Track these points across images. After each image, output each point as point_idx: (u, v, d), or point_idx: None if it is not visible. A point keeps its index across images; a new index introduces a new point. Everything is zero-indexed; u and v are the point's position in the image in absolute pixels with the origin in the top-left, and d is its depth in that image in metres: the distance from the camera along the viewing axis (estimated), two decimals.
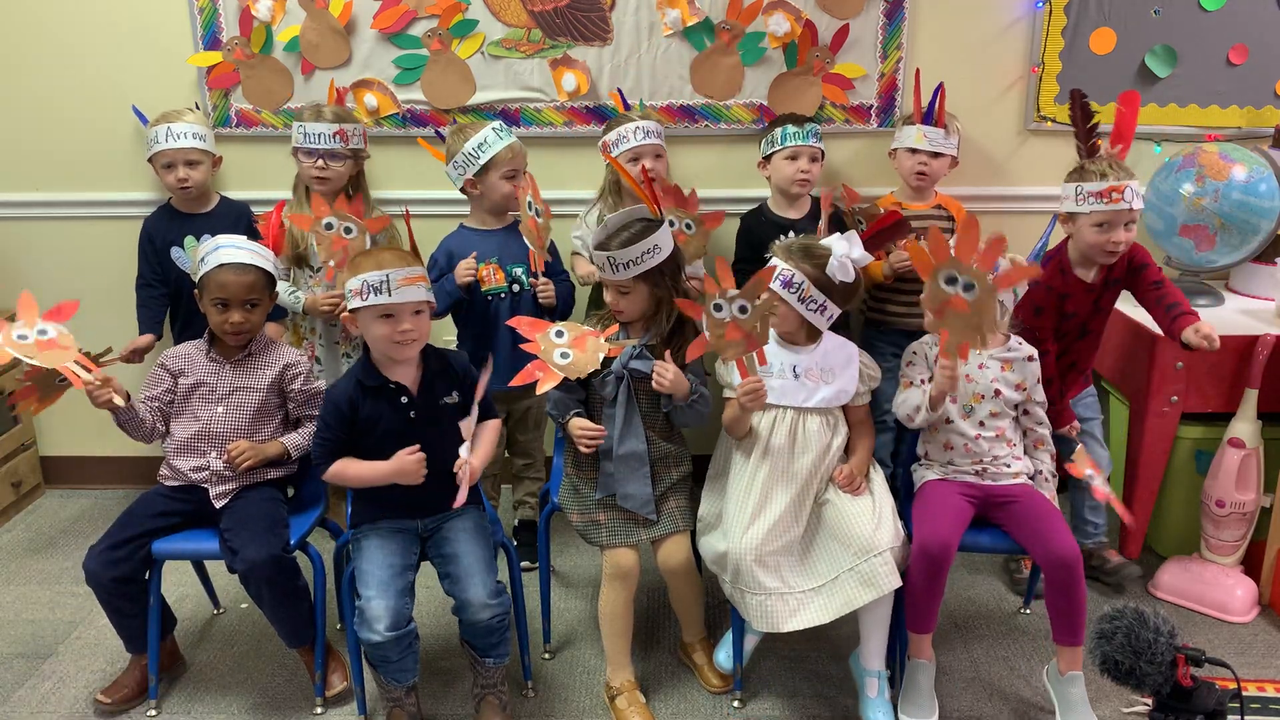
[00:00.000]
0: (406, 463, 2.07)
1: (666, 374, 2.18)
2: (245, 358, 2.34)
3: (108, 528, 2.24)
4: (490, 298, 2.69)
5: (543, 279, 2.65)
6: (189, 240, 2.93)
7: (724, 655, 2.38)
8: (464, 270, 2.64)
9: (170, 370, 2.32)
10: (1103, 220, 2.39)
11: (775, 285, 2.16)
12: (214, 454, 2.29)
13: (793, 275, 2.18)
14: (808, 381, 2.25)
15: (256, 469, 2.30)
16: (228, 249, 2.29)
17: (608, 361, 2.22)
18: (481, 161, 2.65)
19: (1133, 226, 2.42)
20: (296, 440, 2.35)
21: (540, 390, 2.11)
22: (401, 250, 2.20)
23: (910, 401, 2.29)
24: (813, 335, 2.28)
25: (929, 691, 2.24)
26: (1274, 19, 2.97)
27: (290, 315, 2.89)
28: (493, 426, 2.25)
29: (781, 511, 2.19)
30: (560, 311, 2.72)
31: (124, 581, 2.20)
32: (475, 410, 2.03)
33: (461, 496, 1.99)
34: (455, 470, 2.01)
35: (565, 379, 2.15)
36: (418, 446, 2.07)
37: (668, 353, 2.22)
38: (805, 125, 2.78)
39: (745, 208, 2.93)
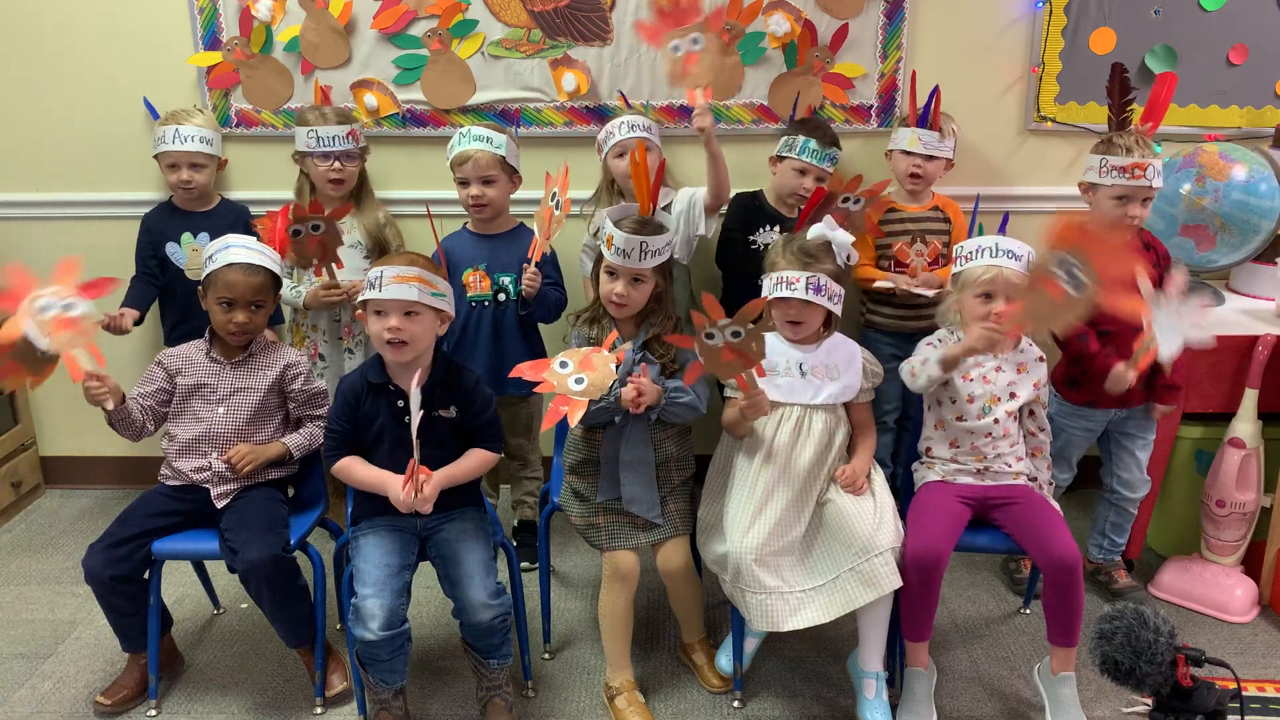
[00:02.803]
0: (394, 490, 2.07)
1: (641, 395, 2.16)
2: (246, 358, 2.33)
3: (108, 526, 2.24)
4: (473, 305, 2.69)
5: (533, 268, 2.60)
6: (185, 237, 2.93)
7: (725, 660, 2.38)
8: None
9: (167, 370, 2.31)
10: (1122, 194, 2.43)
11: (808, 295, 2.16)
12: (215, 454, 2.28)
13: (819, 280, 2.18)
14: (814, 379, 2.26)
15: (258, 470, 2.30)
16: (237, 249, 2.29)
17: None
18: (449, 160, 2.69)
19: (1149, 204, 2.46)
20: (298, 440, 2.35)
21: (573, 422, 2.03)
22: (415, 254, 2.21)
23: (919, 353, 2.29)
24: (819, 333, 2.29)
25: (927, 700, 2.24)
26: (1274, 19, 2.97)
27: (292, 314, 2.89)
28: (481, 457, 2.22)
29: (782, 512, 2.19)
30: (541, 317, 2.71)
31: (123, 580, 2.20)
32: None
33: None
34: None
35: (590, 401, 2.08)
36: (411, 488, 2.05)
37: (633, 376, 2.18)
38: (828, 149, 2.74)
39: None
